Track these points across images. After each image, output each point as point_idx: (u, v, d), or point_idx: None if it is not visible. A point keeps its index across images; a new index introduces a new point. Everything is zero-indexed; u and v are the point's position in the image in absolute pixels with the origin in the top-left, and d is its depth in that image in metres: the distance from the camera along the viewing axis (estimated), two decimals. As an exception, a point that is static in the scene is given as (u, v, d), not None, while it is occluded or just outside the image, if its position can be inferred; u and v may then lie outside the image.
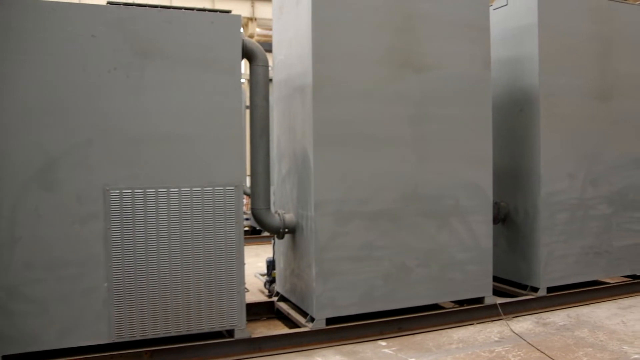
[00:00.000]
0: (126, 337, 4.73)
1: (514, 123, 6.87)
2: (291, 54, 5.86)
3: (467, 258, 6.06)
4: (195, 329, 4.95)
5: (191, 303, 4.92)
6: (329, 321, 5.42)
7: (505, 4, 7.05)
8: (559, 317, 6.29)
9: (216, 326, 5.02)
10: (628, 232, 7.27)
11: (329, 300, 5.40)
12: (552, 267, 6.64)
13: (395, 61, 5.66)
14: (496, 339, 5.56)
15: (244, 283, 5.15)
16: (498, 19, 7.02)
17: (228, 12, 5.15)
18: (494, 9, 7.11)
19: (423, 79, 5.79)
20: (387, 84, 5.62)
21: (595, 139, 7.00)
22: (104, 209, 4.64)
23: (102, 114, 4.64)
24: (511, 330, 5.79)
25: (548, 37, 6.59)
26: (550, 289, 6.64)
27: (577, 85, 6.84)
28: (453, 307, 6.14)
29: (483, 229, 6.16)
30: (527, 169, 6.69)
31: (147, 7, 4.82)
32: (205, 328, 4.98)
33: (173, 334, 4.88)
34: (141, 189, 4.75)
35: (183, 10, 4.95)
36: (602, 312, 6.45)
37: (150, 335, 4.79)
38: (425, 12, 5.80)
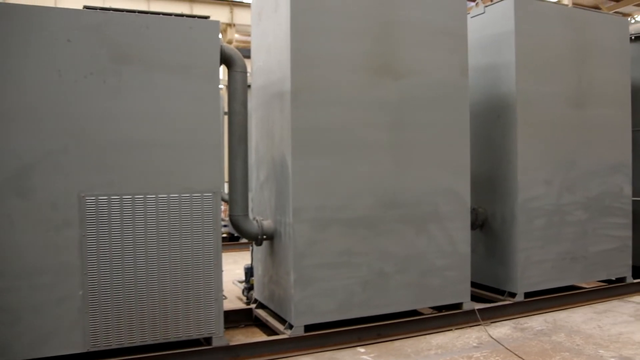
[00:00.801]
0: (102, 346, 4.66)
1: (492, 130, 6.93)
2: (270, 60, 5.85)
3: (446, 264, 6.09)
4: (172, 336, 4.89)
5: (168, 311, 4.87)
6: (308, 328, 5.40)
7: (482, 12, 7.12)
8: (537, 322, 6.34)
9: (194, 334, 4.98)
10: (603, 238, 7.36)
11: (308, 307, 5.38)
12: (529, 272, 6.70)
13: (374, 68, 5.68)
14: (474, 344, 5.59)
15: (221, 290, 5.11)
16: (476, 27, 7.08)
17: (206, 17, 5.13)
18: (472, 17, 7.18)
19: (401, 86, 5.81)
20: (366, 90, 5.64)
21: (571, 145, 7.09)
22: (80, 215, 4.58)
23: (78, 120, 4.59)
24: (489, 335, 5.82)
25: (525, 45, 6.66)
26: (527, 294, 6.70)
27: (554, 92, 6.93)
28: (432, 313, 6.15)
29: (461, 235, 6.19)
30: (505, 175, 6.75)
31: (124, 12, 4.80)
32: (183, 336, 4.93)
33: (150, 342, 4.82)
34: (117, 195, 4.70)
35: (161, 15, 4.93)
36: (578, 317, 6.51)
37: (126, 343, 4.73)
38: (403, 20, 5.83)
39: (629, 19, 9.02)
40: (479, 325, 6.13)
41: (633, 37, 8.33)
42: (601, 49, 7.36)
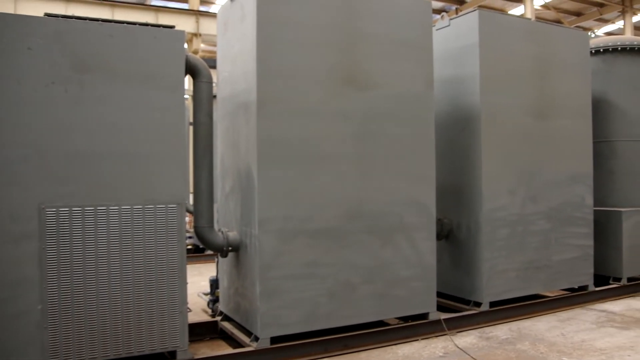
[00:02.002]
0: (62, 362, 4.54)
1: (456, 141, 7.00)
2: (235, 71, 5.82)
3: (411, 274, 6.11)
4: (135, 351, 4.79)
5: (131, 324, 4.77)
6: (274, 340, 5.36)
7: (447, 24, 7.21)
8: (502, 331, 6.40)
9: (157, 348, 4.88)
10: (566, 247, 7.49)
11: (274, 318, 5.34)
12: (494, 281, 6.76)
13: (340, 79, 5.70)
14: (441, 354, 5.61)
15: (186, 303, 5.04)
16: (441, 40, 7.16)
17: (172, 27, 5.08)
18: (437, 30, 7.26)
19: (367, 98, 5.84)
20: (332, 101, 5.65)
21: (534, 156, 7.21)
22: (39, 228, 4.46)
23: (38, 130, 4.48)
24: (455, 345, 5.85)
25: (489, 58, 6.77)
26: (492, 304, 6.76)
27: (517, 104, 7.04)
28: (398, 324, 6.16)
29: (427, 246, 6.23)
30: (469, 186, 6.82)
31: (87, 21, 4.71)
32: (146, 350, 4.84)
33: (112, 357, 4.70)
34: (79, 207, 4.60)
35: (125, 24, 4.85)
36: (542, 325, 6.60)
37: (87, 359, 4.61)
38: (369, 32, 5.87)
39: (589, 33, 9.24)
40: (445, 335, 6.16)
41: (593, 51, 8.56)
42: (563, 62, 7.52)
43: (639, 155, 8.58)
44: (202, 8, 17.14)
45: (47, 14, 4.67)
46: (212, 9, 21.49)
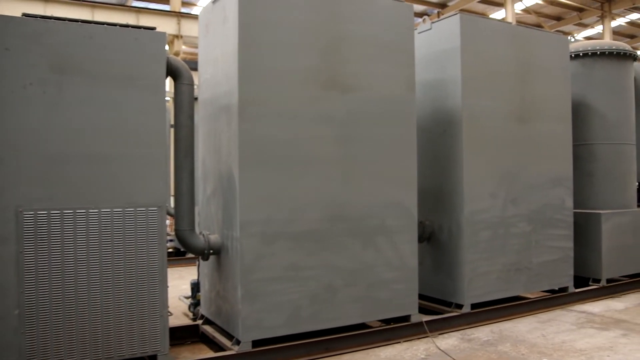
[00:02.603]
0: (39, 367, 4.48)
1: (438, 144, 7.03)
2: (217, 73, 5.80)
3: (393, 277, 6.12)
4: (115, 355, 4.74)
5: (111, 329, 4.72)
6: (255, 343, 5.33)
7: (429, 28, 7.24)
8: (483, 332, 6.43)
9: (138, 352, 4.84)
10: (546, 249, 7.55)
11: (255, 322, 5.31)
12: (475, 284, 6.79)
13: (322, 82, 5.70)
14: (422, 356, 5.62)
15: (167, 306, 5.00)
16: (423, 43, 7.19)
17: (153, 29, 5.05)
18: (419, 33, 7.29)
19: (349, 100, 5.85)
20: (314, 104, 5.64)
21: (515, 159, 7.26)
22: (17, 231, 4.39)
23: (16, 131, 4.42)
24: (437, 347, 5.87)
25: (470, 61, 6.80)
26: (474, 306, 6.79)
27: (498, 107, 7.09)
28: (380, 326, 6.16)
29: (408, 248, 6.24)
30: (451, 189, 6.85)
31: (66, 21, 4.66)
32: (126, 354, 4.79)
33: (91, 361, 4.67)
34: (58, 210, 4.54)
35: (105, 25, 4.81)
36: (523, 327, 6.64)
37: (66, 364, 4.57)
38: (351, 35, 5.88)
39: (569, 37, 9.34)
40: (427, 337, 6.17)
41: (573, 55, 8.66)
42: (543, 66, 7.59)
43: (618, 158, 8.69)
44: (183, 10, 17.03)
45: (25, 14, 4.61)
46: (194, 10, 21.39)
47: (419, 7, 23.85)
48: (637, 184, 9.22)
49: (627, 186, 8.83)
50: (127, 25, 4.92)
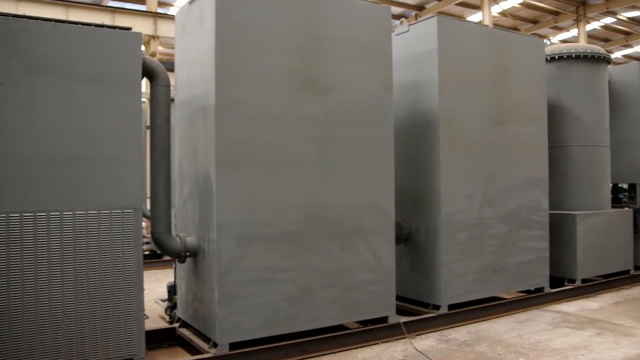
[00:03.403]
0: (11, 373, 4.40)
1: (416, 145, 7.06)
2: (194, 74, 5.76)
3: (371, 278, 6.12)
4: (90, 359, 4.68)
5: (85, 333, 4.66)
6: (233, 346, 5.30)
7: (407, 30, 7.27)
8: (460, 333, 6.47)
9: (113, 356, 4.79)
10: (522, 250, 7.62)
11: (233, 324, 5.28)
12: (452, 285, 6.83)
13: (300, 83, 5.69)
14: (400, 357, 5.63)
15: (143, 309, 4.96)
16: (400, 45, 7.22)
17: (128, 29, 5.01)
18: (396, 35, 7.32)
19: (327, 102, 5.84)
20: (291, 105, 5.63)
21: (492, 161, 7.32)
22: (-12, 234, 4.33)
23: (-14, 133, 4.35)
24: (414, 348, 5.88)
25: (447, 63, 6.84)
26: (451, 306, 6.82)
27: (475, 109, 7.13)
28: (358, 328, 6.16)
29: (386, 249, 6.25)
30: (428, 190, 6.88)
31: (39, 20, 4.59)
32: (102, 358, 4.73)
33: (65, 366, 4.60)
34: (31, 212, 4.48)
35: (79, 25, 4.76)
36: (500, 327, 6.69)
37: (39, 369, 4.50)
38: (330, 36, 5.88)
39: (545, 40, 9.45)
40: (405, 338, 6.19)
41: (548, 58, 8.76)
42: (519, 68, 7.66)
43: (592, 160, 8.82)
44: (160, 10, 16.91)
45: (-4, 13, 4.54)
46: (171, 11, 21.24)
47: (396, 9, 23.97)
48: (611, 185, 9.36)
49: (601, 187, 8.95)
50: (102, 25, 4.87)
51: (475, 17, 25.09)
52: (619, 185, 9.98)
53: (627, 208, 9.52)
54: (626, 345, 5.93)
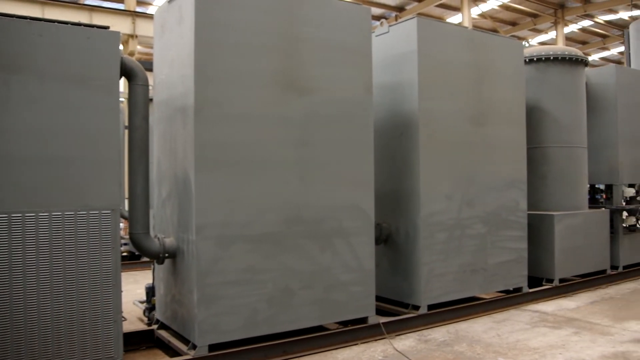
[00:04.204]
0: (-15, 377, 4.34)
1: (395, 146, 7.07)
2: (173, 74, 5.71)
3: (351, 279, 6.13)
4: (66, 362, 4.63)
5: (62, 335, 4.60)
6: (212, 347, 5.27)
7: (387, 31, 7.29)
8: (440, 333, 6.50)
9: (91, 359, 4.72)
10: (501, 250, 7.67)
11: (212, 325, 5.25)
12: (432, 285, 6.85)
13: (280, 84, 5.67)
14: (380, 357, 5.64)
15: (121, 311, 4.91)
16: (380, 46, 7.23)
17: (106, 27, 4.95)
18: (376, 36, 7.33)
19: (307, 103, 5.84)
20: (271, 106, 5.61)
21: (471, 161, 7.36)
22: (-38, 235, 4.25)
23: (-40, 132, 4.28)
24: (394, 348, 5.90)
25: (427, 65, 6.87)
26: (431, 307, 6.85)
27: (454, 110, 7.17)
28: (337, 328, 6.16)
29: (366, 250, 6.26)
30: (408, 191, 6.90)
31: (14, 18, 4.52)
32: (79, 361, 4.68)
33: (41, 369, 4.54)
34: (5, 214, 4.41)
35: (56, 23, 4.69)
36: (479, 327, 6.74)
37: (14, 372, 4.43)
38: (310, 37, 5.87)
39: (523, 42, 9.54)
40: (384, 338, 6.20)
41: (527, 60, 8.83)
42: (499, 70, 7.72)
43: (570, 161, 8.91)
44: (139, 9, 16.79)
45: (-30, 11, 4.46)
46: (150, 10, 21.08)
47: (376, 10, 24.07)
48: (588, 186, 9.47)
49: (578, 188, 9.06)
50: (79, 24, 4.81)
51: (455, 18, 25.28)
52: (596, 186, 10.09)
53: (603, 209, 9.62)
54: (602, 343, 6.00)
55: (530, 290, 8.07)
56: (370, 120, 6.33)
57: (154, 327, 6.16)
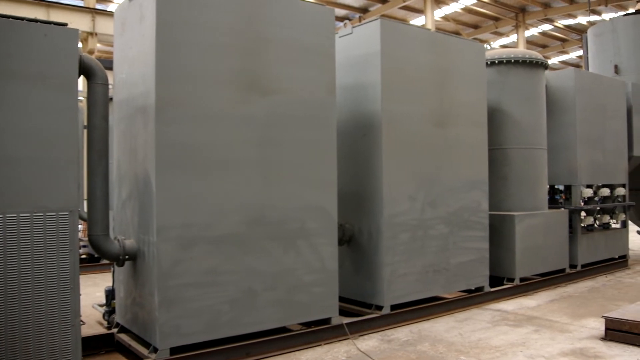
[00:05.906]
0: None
1: (358, 147, 7.09)
2: (133, 73, 5.62)
3: (314, 280, 6.12)
4: (22, 368, 4.51)
5: (17, 340, 4.46)
6: (174, 351, 5.20)
7: (350, 32, 7.30)
8: (403, 333, 6.54)
9: (48, 364, 4.62)
10: (463, 250, 7.76)
11: (173, 328, 5.18)
12: (395, 285, 6.89)
13: (243, 84, 5.63)
14: (343, 358, 5.65)
15: (79, 315, 4.80)
16: (343, 47, 7.24)
17: (64, 24, 4.84)
18: (340, 37, 7.34)
19: (270, 103, 5.81)
20: (234, 106, 5.57)
21: (434, 163, 7.42)
22: None
23: None
24: (357, 348, 5.91)
25: (389, 66, 6.90)
26: (394, 307, 6.88)
27: (417, 112, 7.22)
28: (301, 329, 6.15)
29: (329, 251, 6.26)
30: (371, 192, 6.92)
31: (-34, 14, 4.39)
32: (35, 366, 4.56)
33: (-5, 376, 4.41)
34: (-43, 215, 4.28)
35: (11, 19, 4.56)
36: (441, 326, 6.80)
37: (-34, 379, 4.30)
38: (273, 37, 5.84)
39: (485, 45, 9.67)
40: (348, 339, 6.21)
41: (489, 62, 8.96)
42: (461, 72, 7.80)
43: (530, 162, 9.07)
44: (98, 6, 16.46)
45: None
46: (110, 7, 20.73)
47: (340, 12, 24.16)
48: (548, 186, 9.65)
49: (538, 189, 9.22)
50: (35, 20, 4.69)
51: (418, 20, 25.54)
52: (556, 186, 10.29)
53: (563, 209, 9.82)
54: (561, 341, 6.12)
55: (492, 289, 8.18)
56: (333, 121, 6.33)
57: (114, 330, 6.05)
